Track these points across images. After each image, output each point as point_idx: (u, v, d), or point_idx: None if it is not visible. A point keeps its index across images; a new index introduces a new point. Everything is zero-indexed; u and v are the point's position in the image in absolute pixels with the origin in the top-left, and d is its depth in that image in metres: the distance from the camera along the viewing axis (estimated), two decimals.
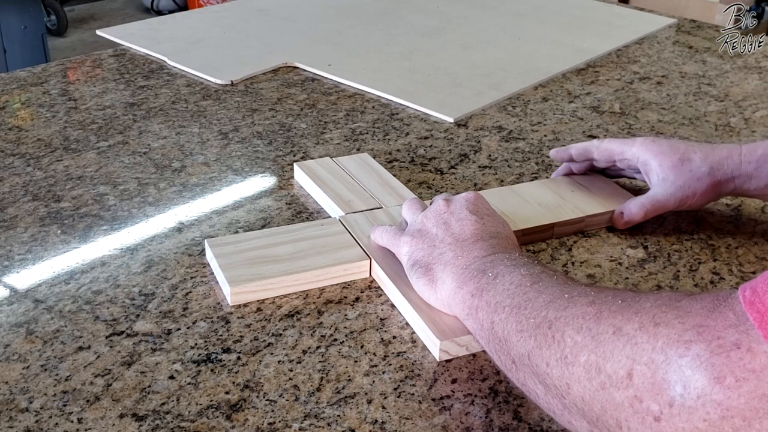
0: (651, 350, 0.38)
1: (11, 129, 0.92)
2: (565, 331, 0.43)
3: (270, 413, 0.51)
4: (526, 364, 0.46)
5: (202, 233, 0.72)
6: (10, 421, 0.50)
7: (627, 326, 0.40)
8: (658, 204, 0.70)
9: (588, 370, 0.40)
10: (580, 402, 0.41)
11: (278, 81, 1.08)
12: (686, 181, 0.68)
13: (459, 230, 0.59)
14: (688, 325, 0.37)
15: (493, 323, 0.50)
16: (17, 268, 0.66)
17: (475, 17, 1.37)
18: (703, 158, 0.68)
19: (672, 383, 0.36)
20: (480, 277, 0.54)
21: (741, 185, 0.69)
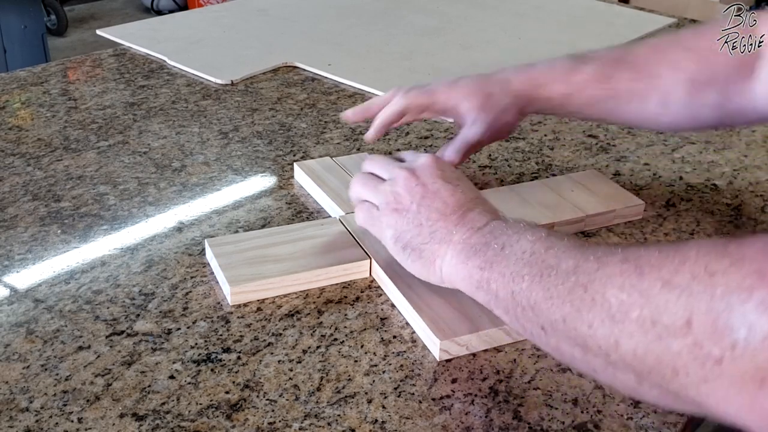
0: (709, 299, 0.38)
1: (11, 129, 0.92)
2: (606, 292, 0.43)
3: (270, 413, 0.51)
4: (559, 330, 0.46)
5: (202, 233, 0.72)
6: (11, 420, 0.50)
7: (677, 278, 0.40)
8: (473, 144, 0.72)
9: (641, 325, 0.40)
10: (631, 357, 0.41)
11: (278, 81, 1.08)
12: (495, 117, 0.71)
13: (441, 204, 0.58)
14: (745, 271, 0.37)
15: (514, 293, 0.49)
16: (17, 268, 0.66)
17: (475, 17, 1.37)
18: (501, 89, 0.71)
19: (735, 328, 0.37)
20: (485, 249, 0.53)
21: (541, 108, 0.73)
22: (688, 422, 0.52)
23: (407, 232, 0.59)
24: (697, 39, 0.70)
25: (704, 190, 0.82)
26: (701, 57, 0.69)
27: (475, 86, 0.71)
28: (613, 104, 0.71)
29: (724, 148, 0.91)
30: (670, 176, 0.84)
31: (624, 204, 0.74)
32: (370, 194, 0.63)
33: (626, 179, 0.83)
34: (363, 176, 0.65)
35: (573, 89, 0.71)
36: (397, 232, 0.59)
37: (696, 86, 0.69)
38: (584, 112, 0.74)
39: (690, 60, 0.69)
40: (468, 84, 0.72)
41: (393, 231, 0.59)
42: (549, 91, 0.71)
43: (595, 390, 0.54)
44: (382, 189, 0.61)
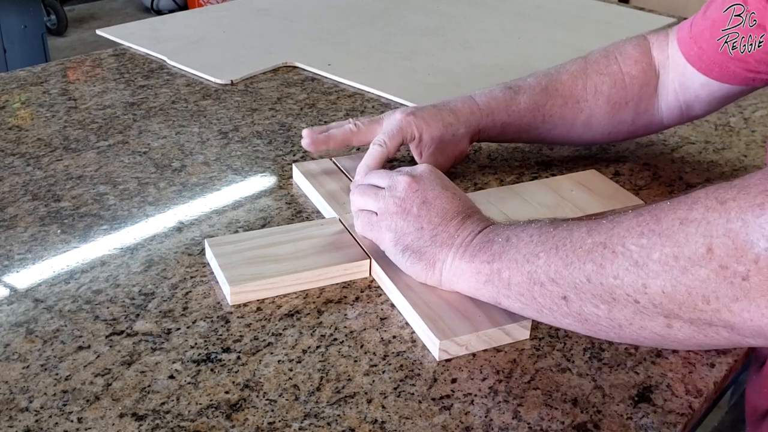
0: (726, 222, 0.40)
1: (11, 128, 0.92)
2: (626, 242, 0.45)
3: (270, 413, 0.51)
4: (584, 291, 0.47)
5: (202, 233, 0.72)
6: (10, 420, 0.50)
7: (692, 214, 0.42)
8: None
9: (665, 263, 0.42)
10: (660, 296, 0.43)
11: (278, 81, 1.08)
12: (452, 147, 0.77)
13: (441, 208, 0.60)
14: (754, 192, 0.40)
15: (530, 273, 0.51)
16: (17, 268, 0.66)
17: (475, 17, 1.37)
18: (457, 119, 0.76)
19: (755, 241, 0.39)
20: (489, 245, 0.55)
21: (484, 136, 0.80)
22: (688, 422, 0.53)
23: (408, 235, 0.60)
24: (608, 63, 0.79)
25: None
26: (615, 80, 0.78)
27: (436, 115, 0.76)
28: (545, 129, 0.79)
29: (723, 148, 0.91)
30: (669, 176, 0.84)
31: (624, 204, 0.74)
32: (370, 202, 0.64)
33: (626, 179, 0.83)
34: (362, 187, 0.66)
35: (512, 119, 0.78)
36: (397, 235, 0.60)
37: (614, 107, 0.79)
38: (521, 138, 0.82)
39: (606, 83, 0.78)
40: (429, 112, 0.76)
41: (393, 234, 0.61)
42: (493, 120, 0.77)
43: (594, 390, 0.54)
44: (381, 195, 0.63)
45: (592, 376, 0.55)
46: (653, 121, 0.81)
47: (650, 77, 0.78)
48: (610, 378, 0.55)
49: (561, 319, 0.50)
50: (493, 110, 0.77)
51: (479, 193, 0.76)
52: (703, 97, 0.77)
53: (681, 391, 0.54)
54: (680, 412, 0.52)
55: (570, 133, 0.80)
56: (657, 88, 0.79)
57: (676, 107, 0.79)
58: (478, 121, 0.77)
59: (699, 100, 0.77)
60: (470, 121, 0.77)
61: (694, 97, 0.77)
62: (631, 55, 0.79)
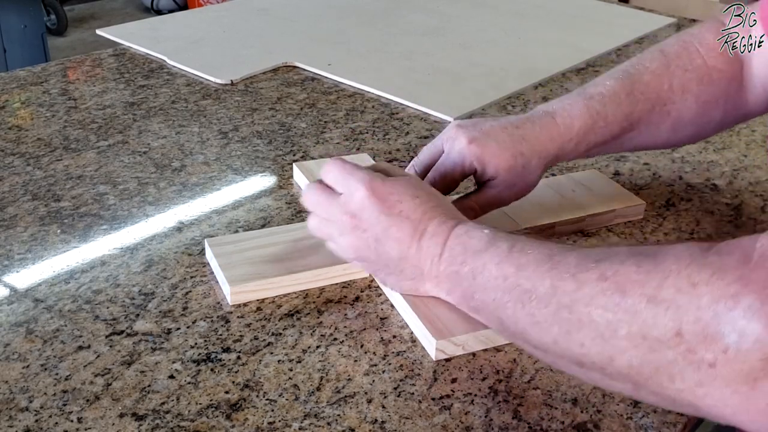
0: (696, 309, 0.39)
1: (11, 128, 0.92)
2: (591, 312, 0.44)
3: (270, 413, 0.51)
4: (553, 350, 0.47)
5: (202, 233, 0.72)
6: (10, 420, 0.50)
7: (661, 293, 0.41)
8: (492, 204, 0.68)
9: (632, 340, 0.41)
10: (626, 369, 0.42)
11: (278, 80, 1.08)
12: (519, 179, 0.67)
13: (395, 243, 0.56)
14: (728, 280, 0.38)
15: (502, 320, 0.51)
16: (17, 268, 0.66)
17: (475, 17, 1.37)
18: (530, 150, 0.66)
19: (725, 333, 0.37)
20: (458, 279, 0.54)
21: (563, 158, 0.69)
22: (688, 422, 0.52)
23: (378, 271, 0.60)
24: (690, 58, 0.70)
25: (704, 189, 0.82)
26: (701, 76, 0.69)
27: (504, 144, 0.65)
28: (627, 138, 0.70)
29: (723, 147, 0.91)
30: (669, 176, 0.84)
31: (625, 204, 0.74)
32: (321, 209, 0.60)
33: (626, 179, 0.83)
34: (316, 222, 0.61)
35: (599, 136, 0.68)
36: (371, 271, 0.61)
37: (703, 106, 0.70)
38: (602, 152, 0.72)
39: (692, 81, 0.69)
40: (496, 140, 0.66)
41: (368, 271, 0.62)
42: (576, 145, 0.68)
43: (594, 390, 0.54)
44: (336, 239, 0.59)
45: None
46: (739, 114, 0.73)
47: (736, 69, 0.70)
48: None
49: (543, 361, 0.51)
50: (577, 132, 0.67)
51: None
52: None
53: None
54: (680, 412, 0.52)
55: (655, 139, 0.72)
56: (743, 80, 0.70)
57: (764, 95, 0.70)
58: (557, 149, 0.67)
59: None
60: (547, 150, 0.66)
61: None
62: (714, 46, 0.69)
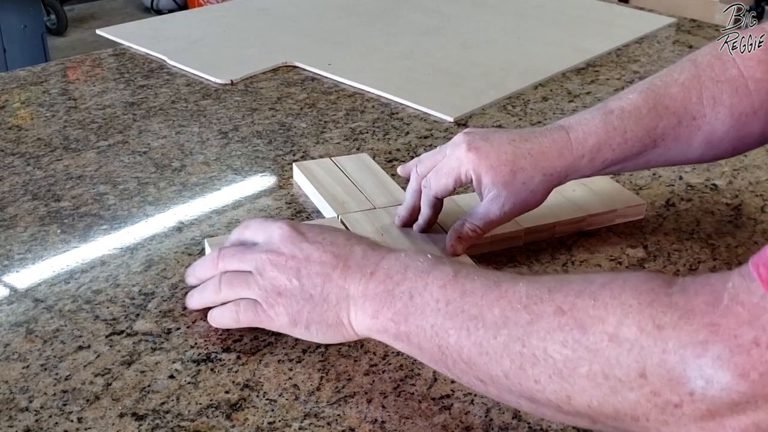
0: (661, 352, 0.37)
1: (11, 128, 0.92)
2: (548, 347, 0.41)
3: (270, 412, 0.51)
4: (502, 384, 0.44)
5: (202, 232, 0.72)
6: (10, 420, 0.50)
7: (623, 331, 0.39)
8: (492, 223, 0.65)
9: (593, 380, 0.40)
10: (586, 408, 0.41)
11: (278, 80, 1.08)
12: (519, 196, 0.63)
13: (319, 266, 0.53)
14: (696, 325, 0.37)
15: (441, 347, 0.46)
16: (17, 268, 0.66)
17: (475, 17, 1.37)
18: (534, 166, 0.62)
19: (692, 378, 0.36)
20: (391, 299, 0.49)
21: (574, 176, 0.65)
22: None
23: (301, 310, 0.53)
24: (724, 67, 0.64)
25: (704, 189, 0.82)
26: (736, 87, 0.64)
27: (502, 159, 0.62)
28: (655, 155, 0.66)
29: None
30: (669, 176, 0.84)
31: (626, 204, 0.74)
32: (245, 291, 0.56)
33: (626, 179, 0.83)
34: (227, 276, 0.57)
35: (617, 153, 0.64)
36: (292, 316, 0.54)
37: (739, 119, 0.64)
38: (625, 169, 0.68)
39: (725, 92, 0.64)
40: (494, 153, 0.63)
41: (287, 317, 0.54)
42: (590, 160, 0.64)
43: None
44: (254, 281, 0.55)
45: None
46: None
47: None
48: None
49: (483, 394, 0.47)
50: (591, 149, 0.63)
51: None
52: None
53: None
54: None
55: (686, 155, 0.67)
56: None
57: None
58: (567, 165, 0.63)
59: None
60: (553, 167, 0.63)
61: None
62: (753, 55, 0.64)
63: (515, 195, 0.63)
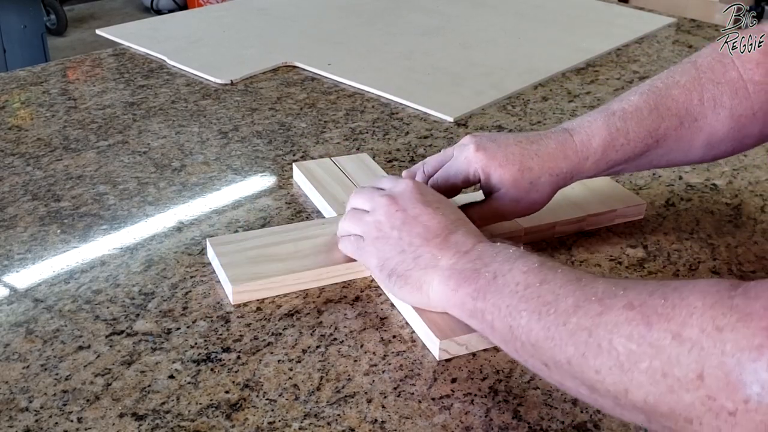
0: (720, 354, 0.38)
1: (11, 128, 0.92)
2: (612, 339, 0.42)
3: (270, 412, 0.51)
4: (564, 369, 0.45)
5: (202, 232, 0.72)
6: (10, 420, 0.50)
7: (687, 331, 0.40)
8: (494, 217, 0.67)
9: (651, 376, 0.40)
10: (642, 403, 0.41)
11: (278, 80, 1.08)
12: (525, 194, 0.65)
13: (422, 228, 0.58)
14: (754, 329, 0.37)
15: (512, 328, 0.48)
16: (17, 268, 0.66)
17: (475, 17, 1.37)
18: (541, 166, 0.64)
19: (748, 384, 0.37)
20: (475, 277, 0.52)
21: (579, 177, 0.67)
22: None
23: (391, 259, 0.58)
24: (725, 70, 0.66)
25: (704, 189, 0.82)
26: (736, 89, 0.65)
27: (510, 157, 0.65)
28: (656, 156, 0.68)
29: None
30: (669, 176, 0.84)
31: (626, 204, 0.74)
32: (355, 227, 0.62)
33: (626, 179, 0.83)
34: (349, 212, 0.64)
35: (620, 155, 0.66)
36: (380, 260, 0.59)
37: (738, 120, 0.66)
38: (627, 169, 0.70)
39: (725, 94, 0.66)
40: (501, 152, 0.65)
41: (377, 260, 0.59)
42: (594, 162, 0.66)
43: None
44: (365, 220, 0.61)
45: None
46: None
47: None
48: None
49: (546, 379, 0.49)
50: (595, 150, 0.65)
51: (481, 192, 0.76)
52: None
53: None
54: None
55: (688, 156, 0.69)
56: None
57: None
58: (572, 167, 0.65)
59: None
60: (559, 168, 0.65)
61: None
62: (751, 57, 0.66)
63: (523, 194, 0.65)
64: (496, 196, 0.65)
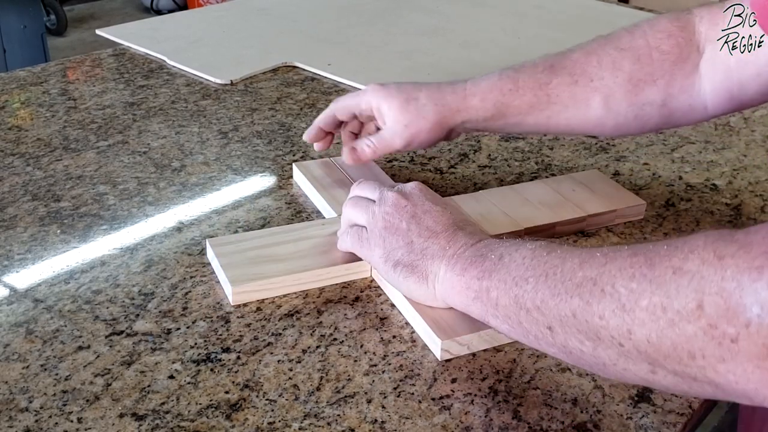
0: (720, 280, 0.38)
1: (11, 129, 0.92)
2: (616, 283, 0.43)
3: (270, 413, 0.51)
4: (569, 325, 0.45)
5: (202, 233, 0.72)
6: (10, 420, 0.50)
7: (687, 264, 0.40)
8: (385, 142, 0.72)
9: (652, 312, 0.41)
10: (644, 344, 0.41)
11: (278, 80, 1.08)
12: (412, 120, 0.70)
13: (431, 222, 0.58)
14: (755, 254, 0.38)
15: (517, 297, 0.49)
16: (17, 268, 0.66)
17: (475, 17, 1.37)
18: (428, 96, 0.70)
19: (748, 306, 0.37)
20: (482, 261, 0.53)
21: (470, 119, 0.71)
22: (687, 422, 0.52)
23: (397, 249, 0.58)
24: (632, 38, 0.69)
25: (704, 189, 0.82)
26: (639, 55, 0.68)
27: (400, 90, 0.71)
28: (552, 111, 0.70)
29: (723, 147, 0.91)
30: (669, 176, 0.84)
31: (626, 204, 0.74)
32: (360, 216, 0.62)
33: (626, 179, 0.83)
34: (353, 199, 0.65)
35: (508, 98, 0.69)
36: (386, 251, 0.58)
37: (636, 84, 0.68)
38: (522, 124, 0.71)
39: (626, 59, 0.68)
40: (394, 87, 0.72)
41: (382, 250, 0.59)
42: (483, 99, 0.69)
43: (594, 390, 0.54)
44: (371, 210, 0.61)
45: (592, 375, 0.55)
46: (694, 105, 0.69)
47: (688, 53, 0.67)
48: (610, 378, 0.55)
49: (547, 348, 0.49)
50: (483, 89, 0.69)
51: (480, 192, 0.76)
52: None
53: None
54: (680, 412, 0.52)
55: (587, 116, 0.70)
56: (699, 66, 0.68)
57: (725, 90, 0.67)
58: (459, 101, 0.69)
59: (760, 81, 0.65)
60: (445, 100, 0.70)
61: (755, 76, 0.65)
62: (664, 29, 0.68)
63: (407, 119, 0.70)
64: (387, 125, 0.71)
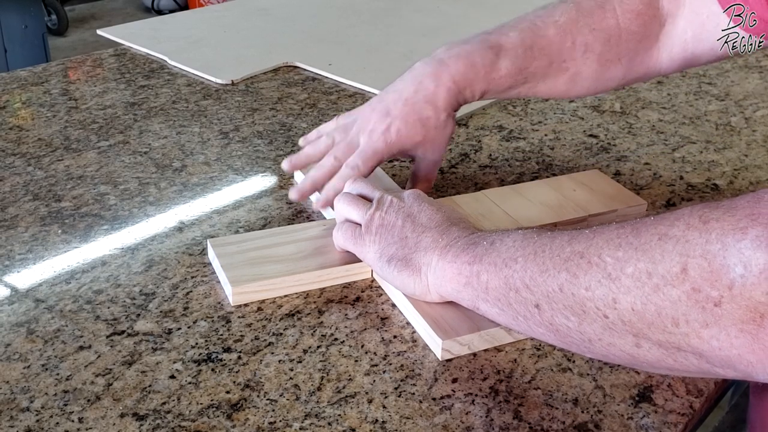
0: (705, 243, 0.39)
1: (12, 128, 0.92)
2: (602, 253, 0.43)
3: (271, 413, 0.51)
4: (556, 300, 0.46)
5: (203, 233, 0.72)
6: (11, 420, 0.50)
7: (673, 230, 0.40)
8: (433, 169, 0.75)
9: (637, 279, 0.41)
10: (629, 313, 0.42)
11: (279, 80, 1.08)
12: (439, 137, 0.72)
13: (426, 219, 0.59)
14: (739, 216, 0.38)
15: (506, 277, 0.50)
16: (18, 268, 0.66)
17: (475, 17, 1.37)
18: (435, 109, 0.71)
19: (731, 266, 0.37)
20: (473, 247, 0.54)
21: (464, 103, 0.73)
22: (688, 422, 0.52)
23: (392, 245, 0.59)
24: (603, 16, 0.71)
25: (705, 189, 0.82)
26: (609, 36, 0.70)
27: (409, 120, 0.70)
28: (525, 88, 0.74)
29: (724, 147, 0.91)
30: (670, 176, 0.84)
31: (626, 204, 0.74)
32: (355, 213, 0.63)
33: (627, 179, 0.83)
34: (349, 196, 0.65)
35: (492, 86, 0.72)
36: (381, 247, 0.59)
37: (603, 64, 0.72)
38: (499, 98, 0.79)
39: (598, 41, 0.71)
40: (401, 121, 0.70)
41: (378, 246, 0.60)
42: (472, 91, 0.72)
43: (595, 390, 0.54)
44: (368, 210, 0.62)
45: (593, 375, 0.55)
46: (650, 72, 0.75)
47: (652, 30, 0.71)
48: (611, 378, 0.55)
49: (534, 328, 0.49)
50: (471, 81, 0.71)
51: (481, 192, 0.76)
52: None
53: (682, 391, 0.54)
54: (681, 412, 0.52)
55: (551, 90, 0.74)
56: (659, 38, 0.72)
57: (681, 58, 0.72)
58: (456, 98, 0.71)
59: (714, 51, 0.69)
60: (449, 103, 0.71)
61: (709, 48, 0.69)
62: (634, 8, 0.71)
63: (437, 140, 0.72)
64: (423, 158, 0.73)
